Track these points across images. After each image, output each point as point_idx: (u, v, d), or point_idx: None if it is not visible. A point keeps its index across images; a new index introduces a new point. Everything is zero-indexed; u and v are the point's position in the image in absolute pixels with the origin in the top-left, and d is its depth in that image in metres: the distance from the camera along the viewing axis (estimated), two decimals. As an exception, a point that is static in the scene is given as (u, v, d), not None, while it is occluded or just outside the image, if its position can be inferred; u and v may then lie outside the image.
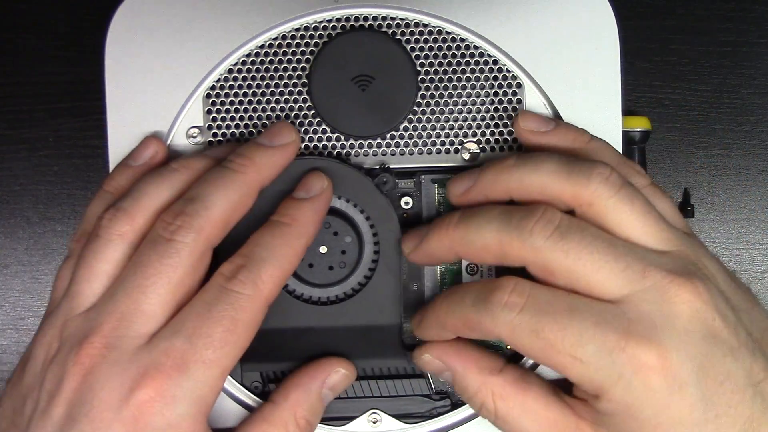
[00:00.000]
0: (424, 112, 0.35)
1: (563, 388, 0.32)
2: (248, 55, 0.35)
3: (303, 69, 0.35)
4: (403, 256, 0.34)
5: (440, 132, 0.35)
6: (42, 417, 0.29)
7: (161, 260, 0.30)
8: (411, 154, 0.35)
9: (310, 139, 0.35)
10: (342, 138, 0.35)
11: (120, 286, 0.30)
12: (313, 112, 0.35)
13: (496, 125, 0.35)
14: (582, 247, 0.29)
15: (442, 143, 0.35)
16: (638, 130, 0.38)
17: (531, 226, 0.30)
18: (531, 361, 0.34)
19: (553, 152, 0.32)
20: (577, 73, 0.35)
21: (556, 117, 0.35)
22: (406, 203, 0.35)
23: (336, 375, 0.33)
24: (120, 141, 0.35)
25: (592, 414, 0.30)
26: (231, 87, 0.35)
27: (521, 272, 0.31)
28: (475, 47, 0.35)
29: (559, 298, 0.29)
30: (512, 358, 0.34)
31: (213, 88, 0.35)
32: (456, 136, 0.35)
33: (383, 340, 0.34)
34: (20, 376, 0.31)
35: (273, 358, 0.34)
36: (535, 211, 0.30)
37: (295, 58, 0.35)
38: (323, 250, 0.34)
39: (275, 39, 0.35)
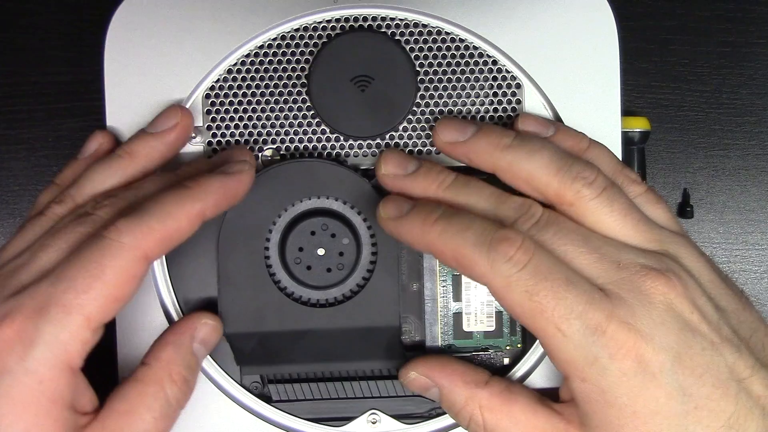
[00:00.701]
0: (423, 113, 0.35)
1: (550, 397, 0.32)
2: (248, 55, 0.35)
3: (302, 69, 0.35)
4: (401, 257, 0.34)
5: (440, 132, 0.35)
6: None
7: (74, 228, 0.30)
8: (411, 154, 0.35)
9: (310, 140, 0.35)
10: (341, 138, 0.35)
11: (30, 246, 0.31)
12: (312, 112, 0.35)
13: (496, 125, 0.35)
14: (557, 238, 0.30)
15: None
16: (637, 130, 0.38)
17: (513, 219, 0.31)
18: (517, 374, 0.34)
19: (549, 143, 0.33)
20: (576, 73, 0.35)
21: (556, 117, 0.35)
22: (406, 203, 0.35)
23: (204, 327, 0.33)
24: (119, 141, 0.35)
25: (579, 415, 0.30)
26: (231, 87, 0.35)
27: None
28: (475, 47, 0.35)
29: (560, 266, 0.30)
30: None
31: (213, 88, 0.35)
32: (455, 136, 0.35)
33: (383, 341, 0.34)
34: None
35: (273, 362, 0.34)
36: (520, 207, 0.31)
37: (295, 58, 0.35)
38: (321, 252, 0.34)
39: (275, 39, 0.35)
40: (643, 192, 0.33)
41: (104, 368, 0.32)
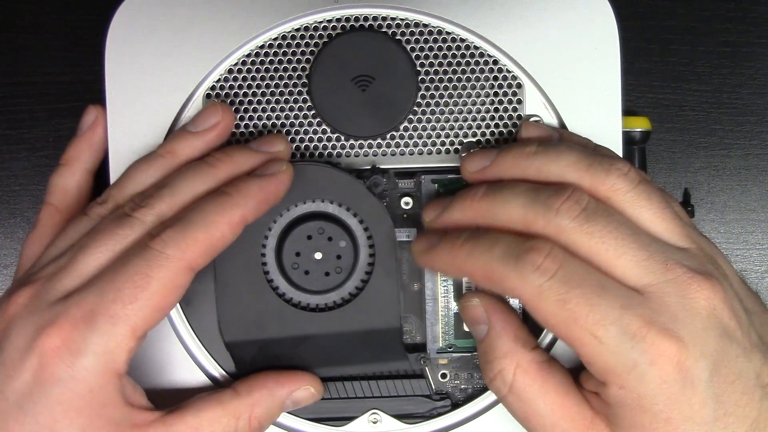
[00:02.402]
0: (424, 112, 0.35)
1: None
2: (248, 55, 0.35)
3: (303, 69, 0.35)
4: (401, 258, 0.34)
5: (440, 132, 0.35)
6: None
7: (113, 230, 0.30)
8: (411, 154, 0.35)
9: (311, 140, 0.35)
10: (342, 138, 0.35)
11: (70, 248, 0.31)
12: (313, 112, 0.35)
13: (496, 125, 0.35)
14: (607, 231, 0.29)
15: (442, 143, 0.35)
16: (638, 130, 0.38)
17: (558, 205, 0.30)
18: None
19: (573, 143, 0.32)
20: (577, 73, 0.35)
21: (557, 117, 0.35)
22: (407, 203, 0.35)
23: (304, 391, 0.33)
24: (120, 141, 0.35)
25: (607, 410, 0.30)
26: (231, 87, 0.35)
27: None
28: (475, 47, 0.35)
29: (591, 273, 0.29)
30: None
31: (213, 88, 0.35)
32: (456, 136, 0.35)
33: (384, 343, 0.34)
34: None
35: (275, 368, 0.34)
36: (563, 191, 0.30)
37: (295, 58, 0.35)
38: (318, 256, 0.34)
39: (275, 39, 0.35)
40: None
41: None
